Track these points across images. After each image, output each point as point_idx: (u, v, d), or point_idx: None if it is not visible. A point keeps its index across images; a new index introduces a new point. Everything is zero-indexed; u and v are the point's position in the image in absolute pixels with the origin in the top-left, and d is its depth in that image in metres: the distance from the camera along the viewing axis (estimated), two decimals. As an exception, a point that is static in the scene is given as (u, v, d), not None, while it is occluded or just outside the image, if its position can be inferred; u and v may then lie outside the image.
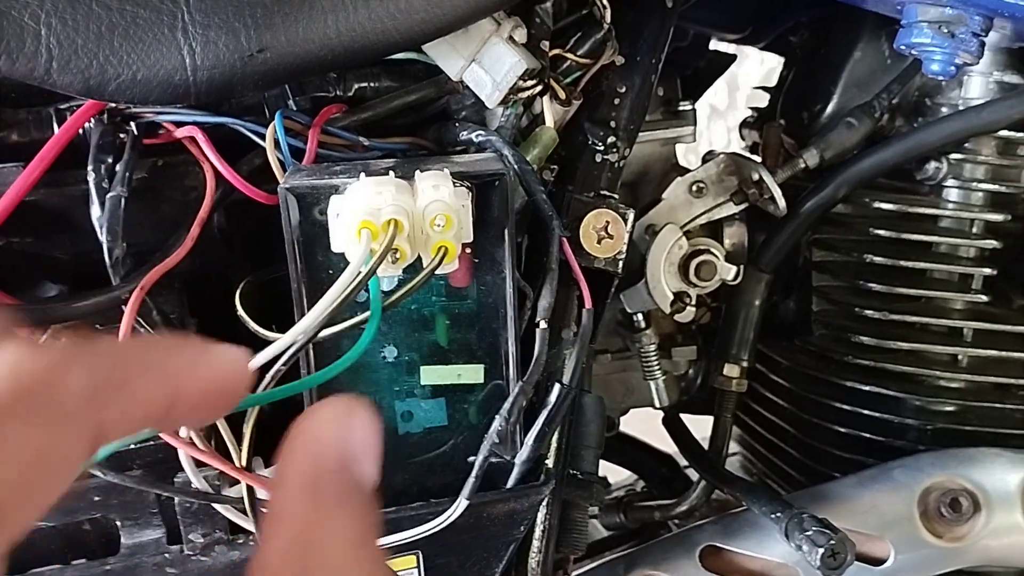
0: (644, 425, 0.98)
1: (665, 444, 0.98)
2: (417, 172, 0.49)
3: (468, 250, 0.52)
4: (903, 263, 0.74)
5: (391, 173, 0.49)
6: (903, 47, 0.61)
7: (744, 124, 0.96)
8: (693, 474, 0.91)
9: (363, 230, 0.45)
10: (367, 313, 0.45)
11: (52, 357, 0.26)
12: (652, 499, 0.89)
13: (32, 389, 0.25)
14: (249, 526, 0.51)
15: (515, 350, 0.54)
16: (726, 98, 2.73)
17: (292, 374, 0.48)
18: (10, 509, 0.24)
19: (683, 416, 0.88)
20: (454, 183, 0.48)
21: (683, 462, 0.95)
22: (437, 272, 0.49)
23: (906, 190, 0.76)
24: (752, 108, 0.97)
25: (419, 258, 0.48)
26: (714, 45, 1.03)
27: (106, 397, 0.27)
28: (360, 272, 0.44)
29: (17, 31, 0.48)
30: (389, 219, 0.45)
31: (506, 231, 0.52)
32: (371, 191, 0.47)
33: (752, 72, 2.56)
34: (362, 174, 0.48)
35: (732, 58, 1.04)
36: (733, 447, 1.00)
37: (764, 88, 0.97)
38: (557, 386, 0.55)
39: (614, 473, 1.04)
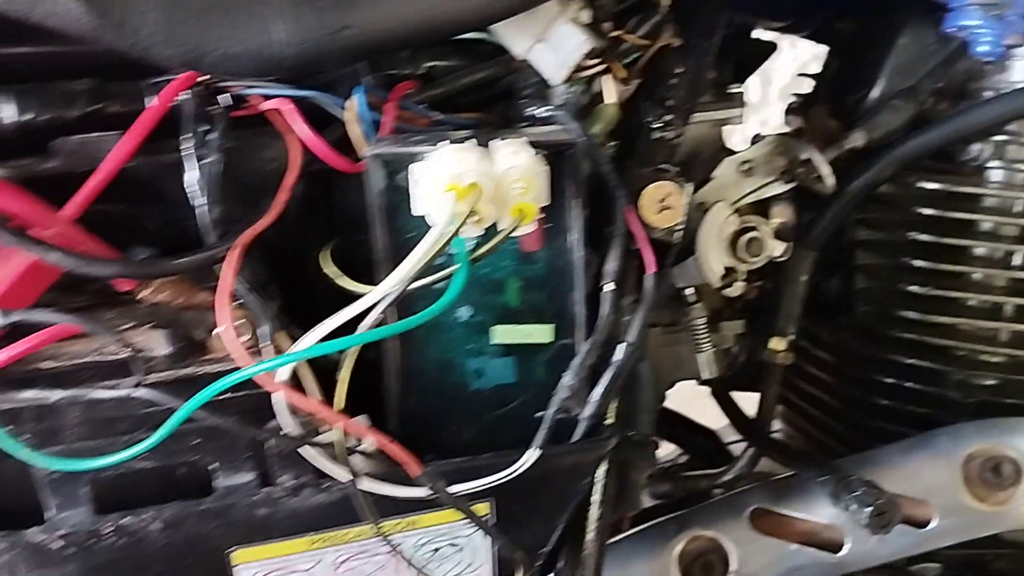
0: (686, 403, 1.01)
1: (704, 422, 1.01)
2: (496, 140, 0.52)
3: (541, 215, 0.56)
4: (946, 240, 0.77)
5: (472, 141, 0.52)
6: (952, 29, 0.64)
7: (789, 110, 0.98)
8: (734, 449, 0.94)
9: (448, 192, 0.48)
10: (455, 267, 0.48)
11: None
12: (697, 470, 0.91)
13: None
14: (335, 471, 0.54)
15: (584, 311, 0.57)
16: (759, 91, 2.74)
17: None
18: None
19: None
20: (533, 151, 0.52)
21: (727, 437, 0.98)
22: (511, 236, 0.52)
23: (950, 171, 0.78)
24: (796, 94, 0.99)
25: (493, 224, 0.51)
26: (756, 33, 1.05)
27: None
28: (447, 229, 0.47)
29: (123, 6, 0.52)
30: (473, 182, 0.49)
31: (576, 198, 0.55)
32: (454, 157, 0.50)
33: (785, 66, 2.57)
34: (443, 142, 0.52)
35: (772, 47, 1.06)
36: (775, 424, 1.03)
37: (808, 75, 0.99)
38: (623, 345, 0.58)
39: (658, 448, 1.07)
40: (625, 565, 0.72)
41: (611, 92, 0.66)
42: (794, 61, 2.40)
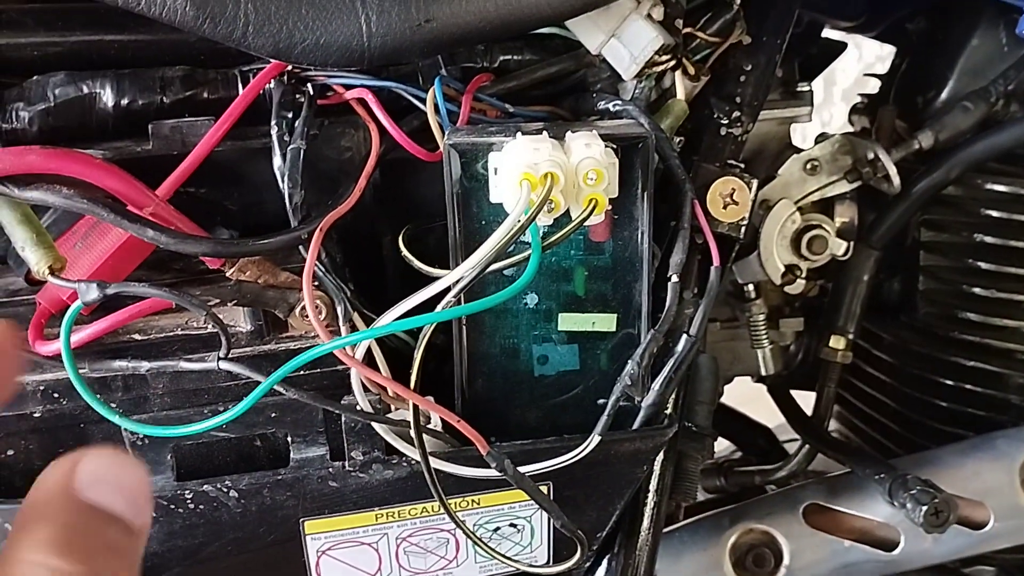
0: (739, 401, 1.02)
1: (760, 418, 1.02)
2: (568, 132, 0.54)
3: (609, 207, 0.57)
4: (1013, 243, 0.77)
5: (545, 133, 0.54)
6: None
7: (854, 110, 0.99)
8: (788, 447, 0.95)
9: (524, 181, 0.50)
10: (527, 252, 0.50)
11: None
12: (751, 466, 0.92)
13: None
14: (405, 448, 0.56)
15: (647, 302, 0.58)
16: (822, 92, 2.72)
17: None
18: None
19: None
20: (603, 144, 0.53)
21: (779, 436, 0.99)
22: (582, 225, 0.54)
23: (1018, 174, 0.78)
24: (862, 95, 1.00)
25: (567, 211, 0.53)
26: (826, 33, 1.05)
27: None
28: (522, 216, 0.49)
29: (219, -2, 0.55)
30: (547, 172, 0.50)
31: (645, 191, 0.56)
32: (529, 147, 0.52)
33: (850, 68, 2.55)
34: (519, 133, 0.53)
35: (842, 47, 1.06)
36: (831, 424, 1.03)
37: (874, 75, 0.99)
38: (684, 336, 0.60)
39: (712, 444, 1.08)
40: (679, 554, 0.73)
41: (681, 88, 0.68)
42: (859, 61, 2.38)
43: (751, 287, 0.83)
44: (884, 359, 0.86)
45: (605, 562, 0.67)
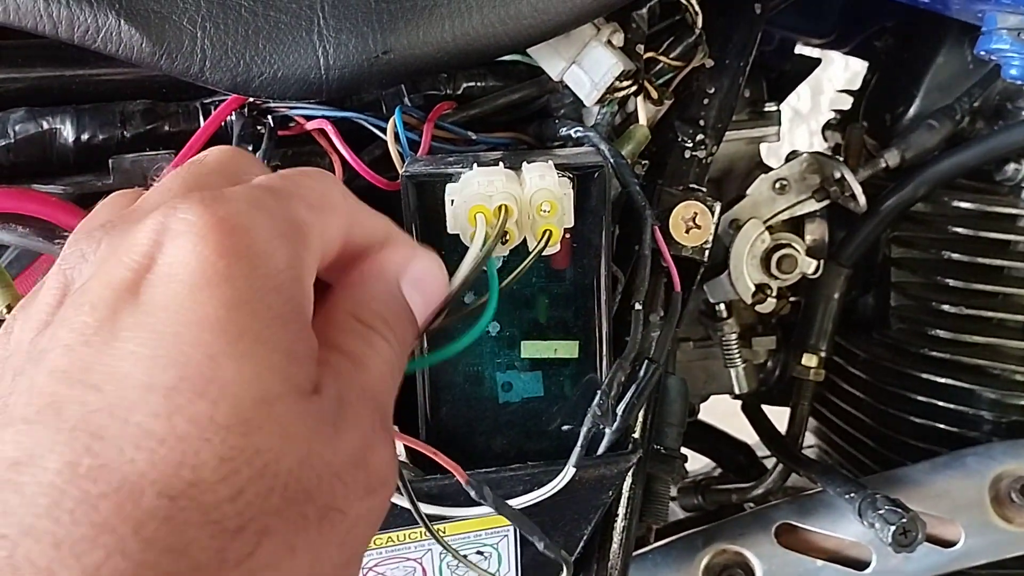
0: (721, 416, 1.02)
1: (740, 434, 1.02)
2: (524, 163, 0.54)
3: (568, 235, 0.57)
4: (981, 260, 0.77)
5: (501, 163, 0.54)
6: (983, 53, 0.64)
7: (827, 126, 0.99)
8: (769, 463, 0.95)
9: (477, 214, 0.50)
10: (485, 296, 0.50)
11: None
12: (729, 483, 0.92)
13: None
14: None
15: (607, 328, 0.59)
16: (809, 102, 2.73)
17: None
18: None
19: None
20: (558, 173, 0.53)
21: (759, 452, 0.99)
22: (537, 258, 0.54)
23: (985, 190, 0.79)
24: (835, 111, 1.00)
25: (524, 241, 0.53)
26: (799, 49, 1.06)
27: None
28: (479, 252, 0.49)
29: (177, 33, 0.55)
30: (500, 204, 0.51)
31: (603, 218, 0.57)
32: (483, 179, 0.52)
33: (836, 77, 2.56)
34: (475, 164, 0.54)
35: (816, 62, 1.07)
36: (810, 439, 1.03)
37: (847, 91, 1.00)
38: (646, 362, 0.60)
39: (692, 460, 1.08)
40: None
41: (643, 113, 0.68)
42: (845, 70, 2.39)
43: (723, 306, 0.83)
44: (859, 376, 0.87)
45: (575, 587, 0.67)
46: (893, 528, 0.65)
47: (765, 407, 0.93)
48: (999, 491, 0.70)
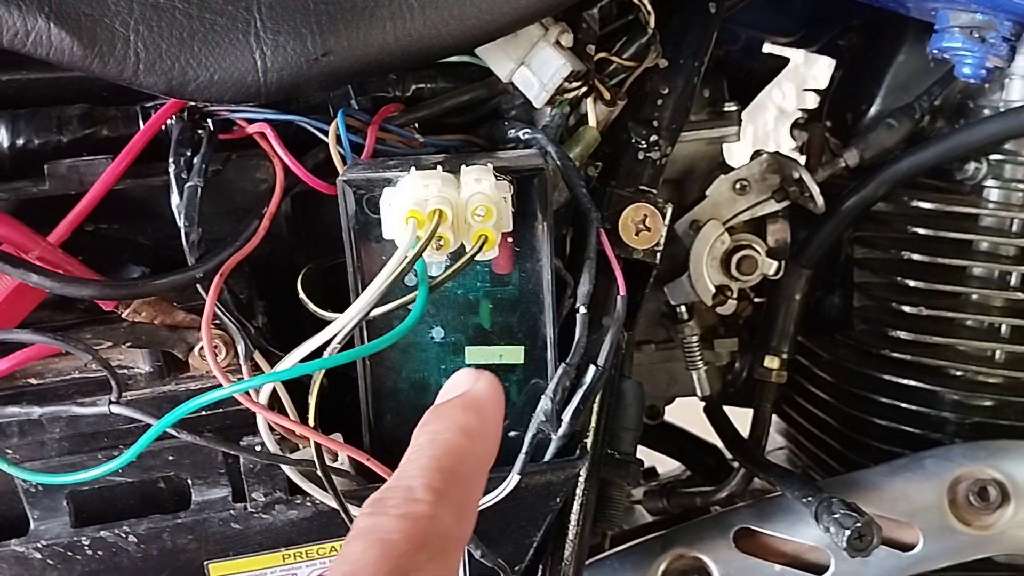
0: (692, 417, 1.01)
1: (711, 436, 1.01)
2: (463, 166, 0.53)
3: (510, 239, 0.57)
4: (941, 260, 0.76)
5: (439, 167, 0.53)
6: (936, 51, 0.64)
7: (795, 125, 0.98)
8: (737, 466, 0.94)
9: (410, 219, 0.50)
10: (415, 293, 0.49)
11: None
12: (695, 486, 0.92)
13: None
14: (309, 488, 0.56)
15: (553, 333, 0.58)
16: (795, 100, 2.72)
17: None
18: None
19: (730, 411, 0.91)
20: (496, 177, 0.53)
21: (729, 454, 0.98)
22: (480, 259, 0.53)
23: (946, 190, 0.78)
24: (802, 110, 0.99)
25: (462, 246, 0.52)
26: (768, 48, 1.05)
27: None
28: (407, 256, 0.49)
29: (109, 36, 0.54)
30: (434, 209, 0.50)
31: (545, 222, 0.56)
32: (419, 183, 0.51)
33: (822, 74, 2.55)
34: (412, 168, 0.53)
35: (785, 61, 1.06)
36: (779, 442, 1.03)
37: (814, 90, 0.99)
38: (592, 367, 0.59)
39: (663, 464, 1.07)
40: (610, 582, 0.72)
41: (593, 115, 0.67)
42: (830, 67, 2.39)
43: (684, 308, 0.82)
44: (823, 378, 0.86)
45: (527, 594, 0.66)
46: (848, 532, 0.64)
47: (735, 409, 0.93)
48: (957, 494, 0.69)
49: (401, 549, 0.33)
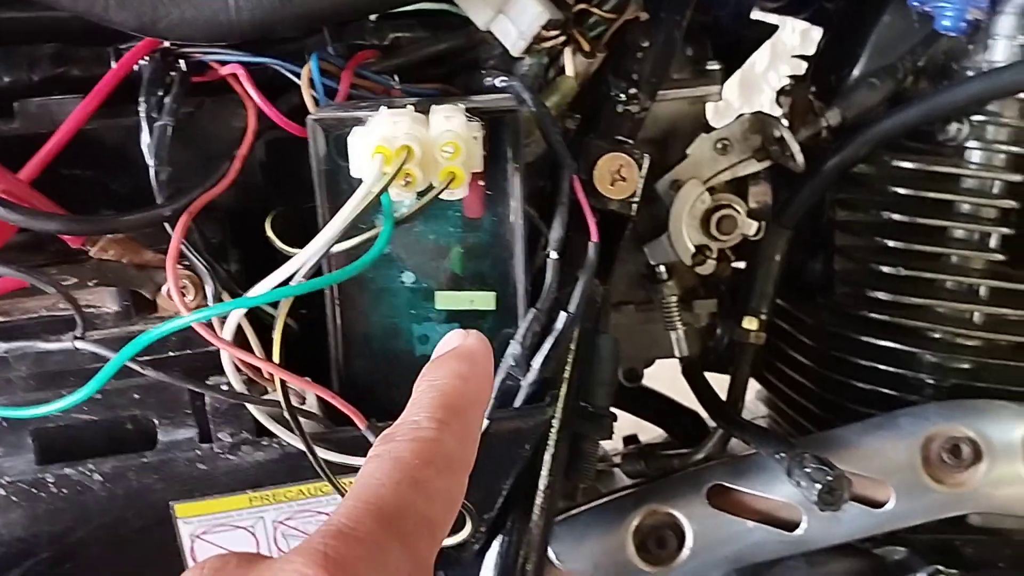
0: (674, 385, 1.01)
1: (692, 402, 1.01)
2: (433, 106, 0.53)
3: (481, 182, 0.56)
4: (921, 220, 0.76)
5: (410, 107, 0.53)
6: (916, 3, 0.63)
7: (781, 91, 0.98)
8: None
9: (377, 154, 0.49)
10: (378, 229, 0.49)
11: None
12: (674, 450, 0.91)
13: None
14: (276, 429, 0.55)
15: (524, 280, 0.58)
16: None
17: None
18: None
19: (713, 378, 0.91)
20: (468, 117, 0.52)
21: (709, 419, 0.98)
22: (449, 198, 0.53)
23: (928, 151, 0.77)
24: (790, 76, 0.98)
25: (432, 186, 0.52)
26: (756, 15, 1.04)
27: None
28: (371, 191, 0.48)
29: (78, -30, 0.53)
30: (403, 145, 0.49)
31: (516, 165, 0.55)
32: (389, 121, 0.51)
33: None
34: (383, 107, 0.52)
35: (774, 28, 1.05)
36: (762, 409, 1.02)
37: (802, 56, 0.98)
38: (563, 314, 0.59)
39: (643, 428, 1.07)
40: (582, 537, 0.72)
41: (571, 65, 0.67)
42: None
43: (663, 268, 0.82)
44: (804, 341, 0.85)
45: (497, 542, 0.66)
46: (819, 486, 0.64)
47: (719, 377, 0.92)
48: (930, 452, 0.69)
49: (412, 463, 0.37)
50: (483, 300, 0.59)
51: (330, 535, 0.33)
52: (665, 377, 0.99)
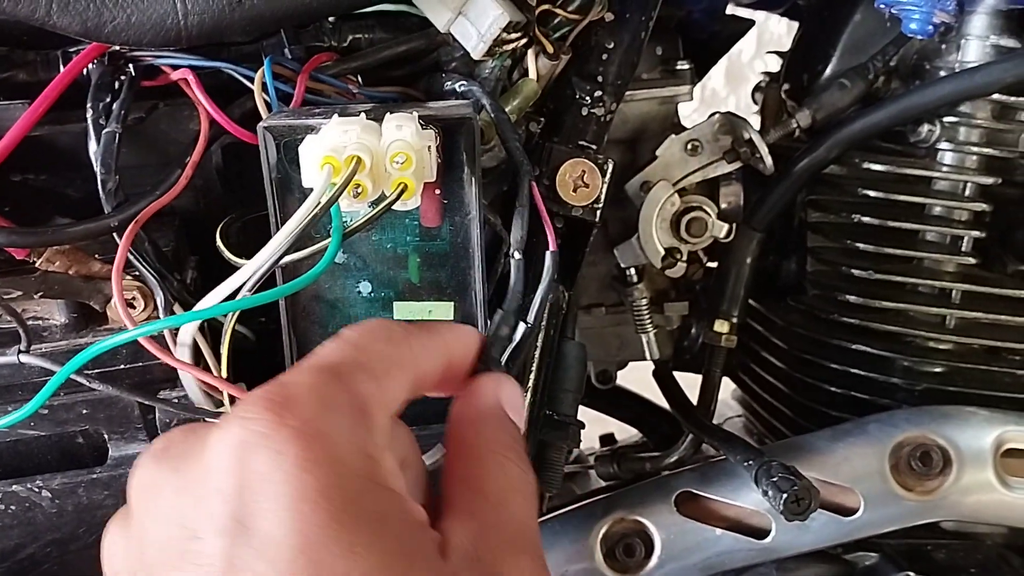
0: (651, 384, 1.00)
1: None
2: (388, 114, 0.51)
3: (437, 191, 0.55)
4: (892, 224, 0.75)
5: (362, 115, 0.51)
6: (883, 6, 0.62)
7: (756, 89, 0.97)
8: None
9: (326, 165, 0.48)
10: (327, 240, 0.48)
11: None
12: (648, 452, 0.90)
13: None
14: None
15: (483, 290, 0.56)
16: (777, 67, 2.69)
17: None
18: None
19: (687, 378, 0.90)
20: (422, 125, 0.51)
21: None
22: (403, 209, 0.52)
23: (900, 152, 0.77)
24: (764, 73, 0.97)
25: (383, 195, 0.51)
26: (731, 10, 1.03)
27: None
28: (320, 202, 0.47)
29: (21, -25, 0.52)
30: (351, 155, 0.48)
31: (473, 174, 0.54)
32: (339, 130, 0.50)
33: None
34: (335, 115, 0.51)
35: (750, 23, 1.04)
36: (737, 410, 1.02)
37: (777, 52, 0.97)
38: (522, 325, 0.58)
39: (620, 430, 1.07)
40: (550, 545, 0.71)
41: (534, 67, 0.65)
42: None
43: (633, 271, 0.81)
44: (777, 344, 0.85)
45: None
46: (785, 496, 0.63)
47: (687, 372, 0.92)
48: (899, 459, 0.68)
49: (352, 337, 0.40)
50: (442, 310, 0.58)
51: (269, 385, 0.36)
52: (642, 377, 0.98)
